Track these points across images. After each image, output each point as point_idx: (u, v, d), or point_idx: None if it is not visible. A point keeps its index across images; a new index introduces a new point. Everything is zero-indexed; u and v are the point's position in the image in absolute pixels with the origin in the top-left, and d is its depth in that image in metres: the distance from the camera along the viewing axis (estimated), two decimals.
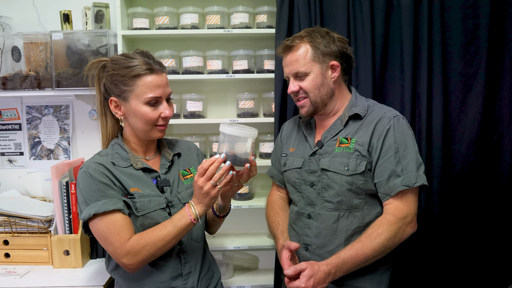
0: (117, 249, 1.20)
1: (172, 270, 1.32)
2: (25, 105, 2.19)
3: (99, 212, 1.19)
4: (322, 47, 1.41)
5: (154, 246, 1.20)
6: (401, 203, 1.35)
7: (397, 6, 1.87)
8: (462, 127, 1.88)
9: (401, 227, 1.33)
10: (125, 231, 1.21)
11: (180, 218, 1.22)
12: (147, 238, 1.21)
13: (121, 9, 1.96)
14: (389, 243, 1.32)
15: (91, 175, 1.23)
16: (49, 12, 2.11)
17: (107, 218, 1.20)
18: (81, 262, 1.85)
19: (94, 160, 1.29)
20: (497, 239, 1.87)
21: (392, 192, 1.35)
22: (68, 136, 2.20)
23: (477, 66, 1.86)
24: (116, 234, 1.20)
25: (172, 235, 1.21)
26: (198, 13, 2.03)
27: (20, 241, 1.86)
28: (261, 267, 2.33)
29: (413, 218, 1.36)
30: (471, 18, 1.84)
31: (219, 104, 2.23)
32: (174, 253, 1.33)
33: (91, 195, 1.22)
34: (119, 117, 1.32)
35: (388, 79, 1.91)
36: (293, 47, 1.43)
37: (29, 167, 2.21)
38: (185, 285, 1.33)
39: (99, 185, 1.22)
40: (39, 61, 1.99)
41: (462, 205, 1.89)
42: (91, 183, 1.23)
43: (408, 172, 1.35)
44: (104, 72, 1.31)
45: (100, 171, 1.25)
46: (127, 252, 1.19)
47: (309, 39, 1.42)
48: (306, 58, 1.42)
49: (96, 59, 1.35)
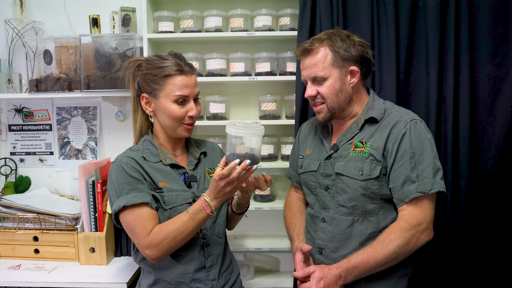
0: (141, 240, 1.27)
1: (197, 262, 1.37)
2: (56, 106, 2.27)
3: (128, 204, 1.26)
4: (342, 51, 1.37)
5: (173, 239, 1.26)
6: (416, 209, 1.31)
7: (423, 7, 1.83)
8: (490, 131, 1.83)
9: (414, 234, 1.30)
10: (149, 224, 1.27)
11: (197, 211, 1.26)
12: (166, 231, 1.26)
13: (147, 13, 2.01)
14: (402, 250, 1.29)
15: (124, 169, 1.31)
16: (79, 17, 2.18)
17: (135, 211, 1.28)
18: (106, 260, 1.91)
19: (127, 155, 1.36)
20: None
21: (406, 198, 1.32)
22: (96, 136, 2.27)
23: (506, 68, 1.80)
24: (141, 226, 1.27)
25: (191, 228, 1.27)
26: (221, 16, 2.05)
27: (49, 237, 1.93)
28: (282, 270, 2.32)
29: (428, 226, 1.32)
30: (500, 19, 1.78)
31: (242, 106, 2.25)
32: (199, 246, 1.38)
33: (122, 188, 1.29)
34: (148, 113, 1.40)
35: (413, 82, 1.87)
36: (312, 50, 1.40)
37: (59, 166, 2.30)
38: (207, 277, 1.38)
39: (130, 179, 1.29)
40: (69, 64, 2.07)
41: (490, 211, 1.82)
42: (122, 176, 1.30)
43: (424, 178, 1.31)
44: (139, 71, 1.39)
45: (131, 165, 1.32)
46: (149, 244, 1.26)
47: (329, 42, 1.39)
48: (325, 62, 1.38)
49: (133, 59, 1.44)
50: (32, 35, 2.12)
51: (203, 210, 1.26)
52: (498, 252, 1.82)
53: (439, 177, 1.33)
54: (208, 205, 1.26)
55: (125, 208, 1.28)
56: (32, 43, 2.08)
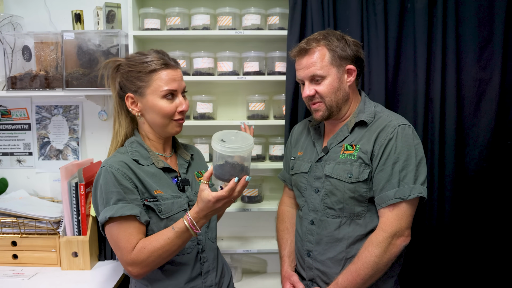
0: (124, 256, 1.20)
1: (193, 270, 1.32)
2: (35, 105, 2.17)
3: (115, 216, 1.18)
4: (339, 50, 1.38)
5: (159, 256, 1.20)
6: (392, 216, 1.32)
7: (411, 9, 1.84)
8: (475, 133, 1.86)
9: (390, 241, 1.31)
10: (134, 239, 1.20)
11: (184, 230, 1.18)
12: (150, 248, 1.19)
13: (133, 9, 1.95)
14: (382, 259, 1.30)
15: (114, 176, 1.21)
16: (60, 12, 2.09)
17: (121, 224, 1.20)
18: (90, 264, 1.84)
19: (117, 159, 1.26)
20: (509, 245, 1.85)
21: (383, 203, 1.33)
22: (77, 136, 2.18)
23: (491, 71, 1.83)
24: (126, 240, 1.20)
25: (178, 245, 1.20)
26: (209, 14, 2.01)
27: (28, 242, 1.84)
28: (269, 271, 2.30)
29: (403, 232, 1.33)
30: (486, 23, 1.82)
31: (230, 106, 2.21)
32: (195, 253, 1.33)
33: (110, 197, 1.20)
34: (135, 114, 1.32)
35: (401, 83, 1.88)
36: (310, 50, 1.40)
37: (38, 168, 2.20)
38: (204, 284, 1.34)
39: (119, 188, 1.20)
40: (50, 61, 1.98)
41: (475, 210, 1.86)
42: (111, 184, 1.21)
43: (404, 183, 1.31)
44: (119, 71, 1.32)
45: (123, 172, 1.23)
46: (133, 261, 1.20)
47: (325, 42, 1.39)
48: (324, 61, 1.38)
49: (111, 59, 1.35)
50: (10, 30, 2.02)
51: (190, 230, 1.18)
52: (482, 251, 1.86)
53: (420, 182, 1.33)
54: (195, 225, 1.18)
55: (112, 219, 1.19)
56: (10, 39, 1.98)
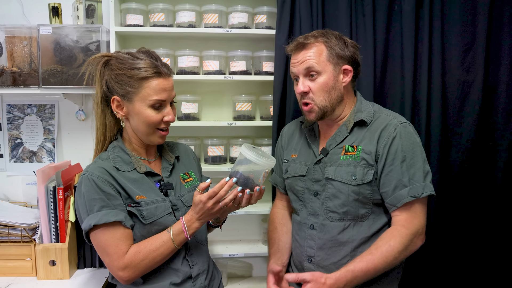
0: (114, 261, 1.19)
1: (181, 274, 1.29)
2: (6, 103, 2.03)
3: (99, 223, 1.17)
4: (337, 49, 1.36)
5: (153, 260, 1.21)
6: (410, 215, 1.30)
7: (398, 11, 1.85)
8: (459, 134, 1.89)
9: (412, 239, 1.29)
10: (123, 244, 1.20)
11: (178, 233, 1.23)
12: (145, 252, 1.21)
13: (115, 4, 1.85)
14: (401, 255, 1.28)
15: (95, 183, 1.19)
16: (34, 5, 1.97)
17: (107, 230, 1.19)
18: (68, 273, 1.73)
19: (98, 165, 1.23)
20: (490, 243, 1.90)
21: (398, 203, 1.31)
22: (53, 137, 2.06)
23: (474, 74, 1.87)
24: (114, 246, 1.19)
25: (171, 249, 1.23)
26: (195, 11, 1.95)
27: (1, 250, 1.71)
28: (255, 275, 2.26)
29: (423, 231, 1.32)
30: (469, 26, 1.85)
31: (215, 106, 2.15)
32: (181, 257, 1.31)
33: (93, 204, 1.18)
34: (120, 117, 1.28)
35: (388, 84, 1.89)
36: (307, 44, 1.36)
37: (9, 170, 2.06)
38: (193, 287, 1.31)
39: (102, 194, 1.19)
40: (23, 57, 1.86)
41: (458, 210, 1.90)
42: (93, 191, 1.19)
43: (415, 181, 1.30)
44: (108, 69, 1.24)
45: (104, 178, 1.20)
46: (125, 265, 1.19)
47: (324, 39, 1.37)
48: (321, 57, 1.35)
49: (99, 54, 1.28)
50: None
51: (183, 233, 1.23)
52: (465, 249, 1.90)
53: (429, 180, 1.33)
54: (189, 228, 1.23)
55: (96, 227, 1.18)
56: None
